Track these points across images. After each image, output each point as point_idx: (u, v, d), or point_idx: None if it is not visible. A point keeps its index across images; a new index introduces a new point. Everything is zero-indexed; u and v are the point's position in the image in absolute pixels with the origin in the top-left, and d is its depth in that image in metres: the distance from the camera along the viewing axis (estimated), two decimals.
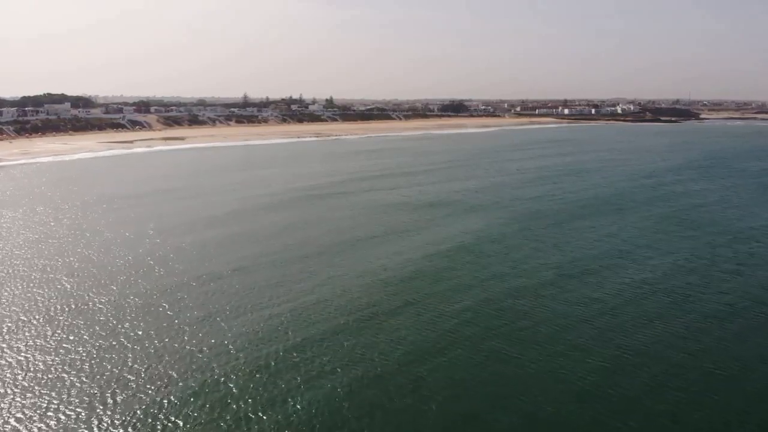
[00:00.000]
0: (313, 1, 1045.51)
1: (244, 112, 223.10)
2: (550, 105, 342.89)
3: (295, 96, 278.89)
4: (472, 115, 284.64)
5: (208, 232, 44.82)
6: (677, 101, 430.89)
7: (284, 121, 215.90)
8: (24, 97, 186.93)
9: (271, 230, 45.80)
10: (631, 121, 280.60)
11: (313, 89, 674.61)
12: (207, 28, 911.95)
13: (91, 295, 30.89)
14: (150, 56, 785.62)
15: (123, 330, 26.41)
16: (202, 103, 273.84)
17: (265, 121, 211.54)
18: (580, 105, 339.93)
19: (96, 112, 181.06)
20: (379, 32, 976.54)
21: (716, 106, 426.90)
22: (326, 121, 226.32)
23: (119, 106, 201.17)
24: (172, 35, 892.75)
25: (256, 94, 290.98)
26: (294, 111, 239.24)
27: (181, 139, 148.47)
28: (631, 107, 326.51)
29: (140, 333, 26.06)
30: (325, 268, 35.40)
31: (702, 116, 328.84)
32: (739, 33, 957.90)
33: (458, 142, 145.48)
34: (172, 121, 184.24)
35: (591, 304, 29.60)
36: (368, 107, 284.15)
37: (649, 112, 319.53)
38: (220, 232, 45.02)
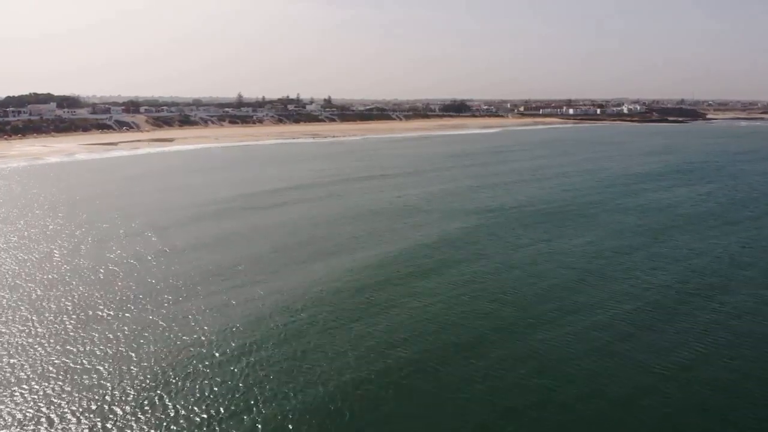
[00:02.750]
0: (313, 1, 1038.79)
1: (239, 112, 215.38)
2: (553, 105, 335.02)
3: (293, 96, 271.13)
4: (474, 115, 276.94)
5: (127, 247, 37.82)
6: (682, 101, 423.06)
7: (280, 121, 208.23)
8: (8, 96, 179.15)
9: (193, 247, 38.77)
10: (638, 121, 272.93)
11: (312, 89, 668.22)
12: (207, 28, 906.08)
13: None
14: (150, 56, 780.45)
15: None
16: (197, 103, 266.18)
17: (260, 121, 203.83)
18: (584, 105, 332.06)
19: (82, 113, 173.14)
20: (379, 32, 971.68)
21: (722, 106, 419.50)
22: (324, 121, 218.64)
23: (107, 106, 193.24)
24: (172, 35, 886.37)
25: (256, 94, 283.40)
26: (290, 111, 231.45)
27: (170, 140, 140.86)
28: (637, 107, 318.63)
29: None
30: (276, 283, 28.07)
31: (708, 116, 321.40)
32: (739, 33, 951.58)
33: (463, 144, 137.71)
34: (161, 122, 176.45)
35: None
36: (368, 107, 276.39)
37: (655, 112, 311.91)
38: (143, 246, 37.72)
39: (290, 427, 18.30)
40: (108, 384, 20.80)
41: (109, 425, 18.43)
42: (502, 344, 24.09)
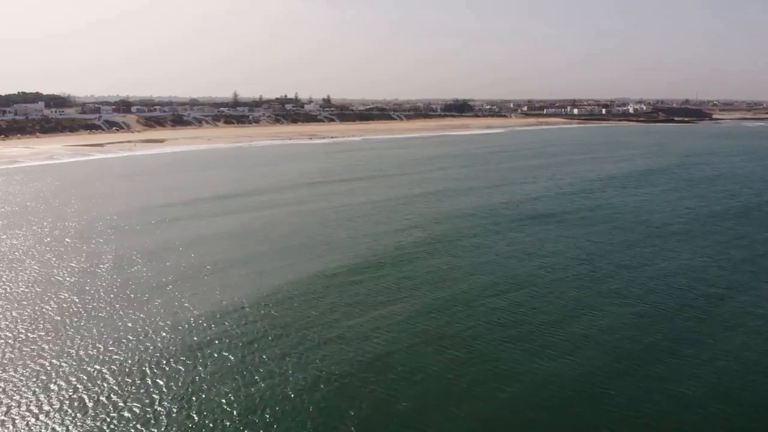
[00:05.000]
0: (313, 1, 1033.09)
1: (234, 112, 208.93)
2: (558, 105, 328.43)
3: (291, 95, 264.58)
4: (477, 115, 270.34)
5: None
6: (687, 101, 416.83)
7: (277, 121, 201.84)
8: None
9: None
10: (644, 121, 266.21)
11: (312, 90, 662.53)
12: (207, 28, 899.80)
13: None
14: (149, 56, 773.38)
15: None
16: (195, 103, 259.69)
17: (257, 121, 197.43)
18: (589, 105, 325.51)
19: (70, 113, 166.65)
20: (379, 32, 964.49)
21: (727, 106, 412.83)
22: (322, 121, 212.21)
23: (97, 105, 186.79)
24: (172, 35, 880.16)
25: (255, 94, 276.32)
26: (288, 111, 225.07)
27: (160, 141, 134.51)
28: (643, 107, 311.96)
29: None
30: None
31: (715, 116, 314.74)
32: (740, 33, 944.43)
33: (467, 145, 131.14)
34: (153, 122, 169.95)
35: None
36: (368, 107, 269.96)
37: (661, 112, 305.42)
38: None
39: None
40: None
41: None
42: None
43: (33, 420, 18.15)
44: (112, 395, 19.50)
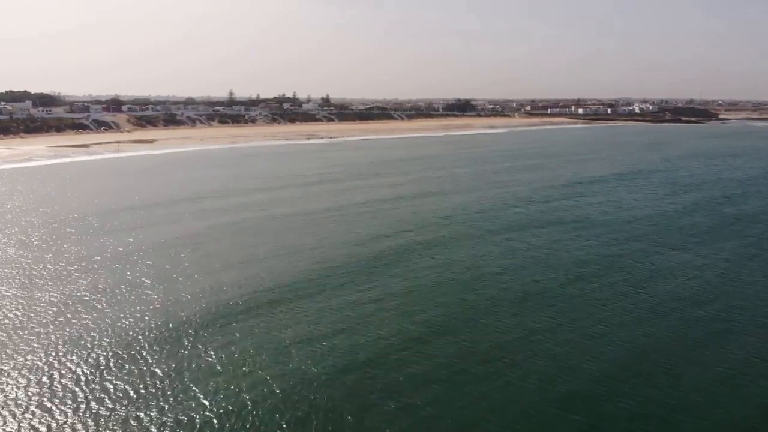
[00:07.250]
0: (313, 1, 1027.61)
1: (230, 111, 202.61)
2: (562, 104, 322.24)
3: (290, 95, 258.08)
4: (479, 115, 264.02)
5: None
6: (692, 101, 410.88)
7: (274, 120, 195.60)
8: None
9: None
10: (651, 121, 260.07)
11: (312, 89, 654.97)
12: (206, 28, 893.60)
13: None
14: (148, 56, 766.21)
15: None
16: (190, 102, 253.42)
17: (253, 121, 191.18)
18: (593, 105, 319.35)
19: (58, 112, 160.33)
20: (379, 32, 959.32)
21: (732, 106, 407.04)
22: (321, 121, 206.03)
23: (86, 104, 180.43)
24: (172, 35, 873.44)
25: (253, 93, 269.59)
26: (286, 110, 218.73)
27: (150, 142, 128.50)
28: (649, 107, 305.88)
29: None
30: None
31: (721, 116, 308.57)
32: (740, 33, 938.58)
33: (470, 144, 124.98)
34: (144, 121, 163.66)
35: None
36: (368, 106, 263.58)
37: (667, 111, 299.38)
38: None
39: None
40: None
41: None
42: None
43: None
44: None
